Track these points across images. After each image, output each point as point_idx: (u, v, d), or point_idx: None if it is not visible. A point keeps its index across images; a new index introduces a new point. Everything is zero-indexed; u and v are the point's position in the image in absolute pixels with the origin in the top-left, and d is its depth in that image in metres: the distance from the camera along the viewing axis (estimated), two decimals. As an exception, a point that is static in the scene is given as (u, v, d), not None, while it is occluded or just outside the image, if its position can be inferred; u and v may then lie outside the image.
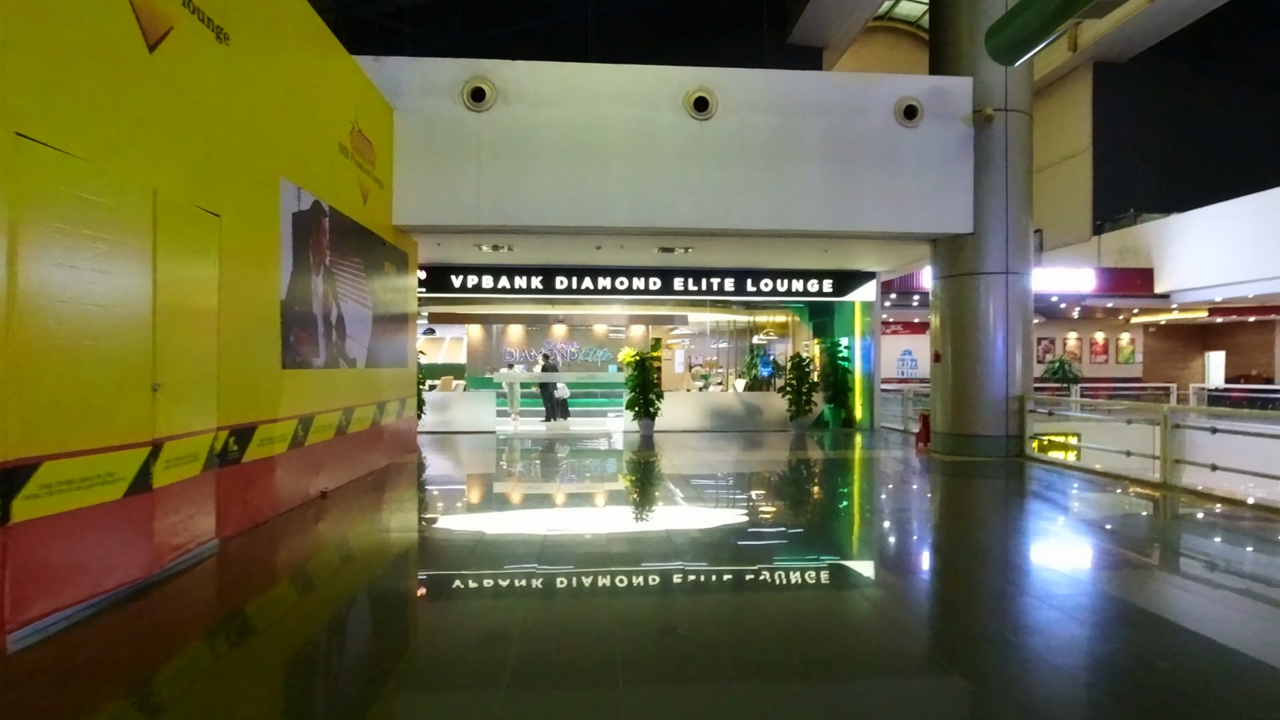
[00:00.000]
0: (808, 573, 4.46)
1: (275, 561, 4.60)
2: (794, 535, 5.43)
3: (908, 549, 5.25)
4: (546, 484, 7.61)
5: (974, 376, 9.44)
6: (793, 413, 12.41)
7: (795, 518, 6.07)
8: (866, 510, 6.58)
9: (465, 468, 8.98)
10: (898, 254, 11.37)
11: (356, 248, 7.22)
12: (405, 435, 9.26)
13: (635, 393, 12.01)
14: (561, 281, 12.53)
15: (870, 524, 6.01)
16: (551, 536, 5.18)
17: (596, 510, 6.16)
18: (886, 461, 9.34)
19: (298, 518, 5.56)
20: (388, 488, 7.28)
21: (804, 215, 9.09)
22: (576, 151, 8.72)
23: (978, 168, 9.28)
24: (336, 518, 5.83)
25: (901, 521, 6.02)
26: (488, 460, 9.53)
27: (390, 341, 8.47)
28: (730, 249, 11.09)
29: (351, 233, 7.06)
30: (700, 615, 3.72)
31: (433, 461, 9.19)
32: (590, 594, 3.92)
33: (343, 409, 6.78)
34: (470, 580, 4.21)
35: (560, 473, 8.44)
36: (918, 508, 6.74)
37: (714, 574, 4.40)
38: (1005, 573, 4.45)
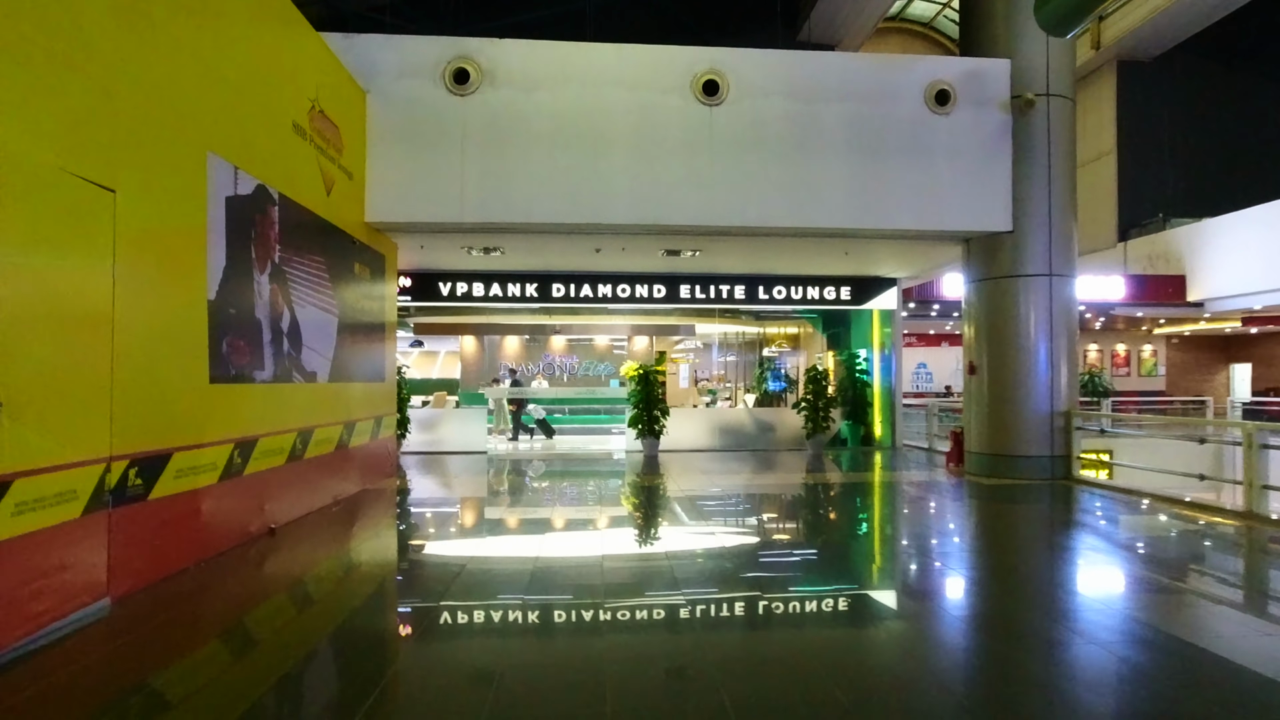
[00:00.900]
0: (834, 615, 3.72)
1: (186, 622, 3.63)
2: (816, 568, 4.46)
3: (945, 588, 4.27)
4: (537, 511, 6.62)
5: (1014, 390, 8.46)
6: (809, 430, 11.43)
7: (817, 549, 5.09)
8: (897, 542, 5.58)
9: (449, 493, 8.00)
10: (924, 257, 10.44)
11: (318, 245, 6.31)
12: (382, 457, 8.30)
13: (639, 409, 11.05)
14: (559, 289, 11.61)
15: (901, 559, 5.02)
16: (540, 571, 4.20)
17: (593, 542, 5.17)
18: (915, 485, 8.35)
19: (232, 562, 4.60)
20: (356, 518, 6.31)
21: (826, 211, 8.17)
22: (572, 141, 7.84)
23: (1017, 159, 8.36)
24: (283, 558, 4.86)
25: (937, 555, 5.03)
26: (475, 484, 8.55)
27: (363, 353, 7.54)
28: (741, 251, 10.17)
29: (311, 227, 6.15)
30: (708, 661, 2.76)
31: (414, 486, 8.21)
32: (584, 637, 2.94)
33: (298, 430, 5.83)
34: (444, 624, 3.23)
35: (553, 498, 7.45)
36: (955, 539, 5.74)
37: (728, 619, 3.42)
38: (1064, 620, 3.46)
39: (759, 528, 6.17)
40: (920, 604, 4.10)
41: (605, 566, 4.62)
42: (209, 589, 4.11)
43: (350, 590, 4.40)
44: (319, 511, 6.26)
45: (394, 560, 5.17)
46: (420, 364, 22.38)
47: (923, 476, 9.00)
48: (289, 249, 5.67)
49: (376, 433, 8.02)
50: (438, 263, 11.00)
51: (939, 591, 4.38)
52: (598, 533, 5.77)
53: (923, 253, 10.03)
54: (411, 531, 6.12)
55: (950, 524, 6.54)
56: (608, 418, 13.31)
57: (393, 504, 7.21)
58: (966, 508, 7.21)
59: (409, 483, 8.43)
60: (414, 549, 5.54)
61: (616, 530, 5.94)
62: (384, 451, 8.34)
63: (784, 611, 3.83)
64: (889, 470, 9.83)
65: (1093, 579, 4.61)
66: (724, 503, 7.31)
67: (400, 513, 6.88)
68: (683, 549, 5.20)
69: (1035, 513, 6.97)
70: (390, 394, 8.60)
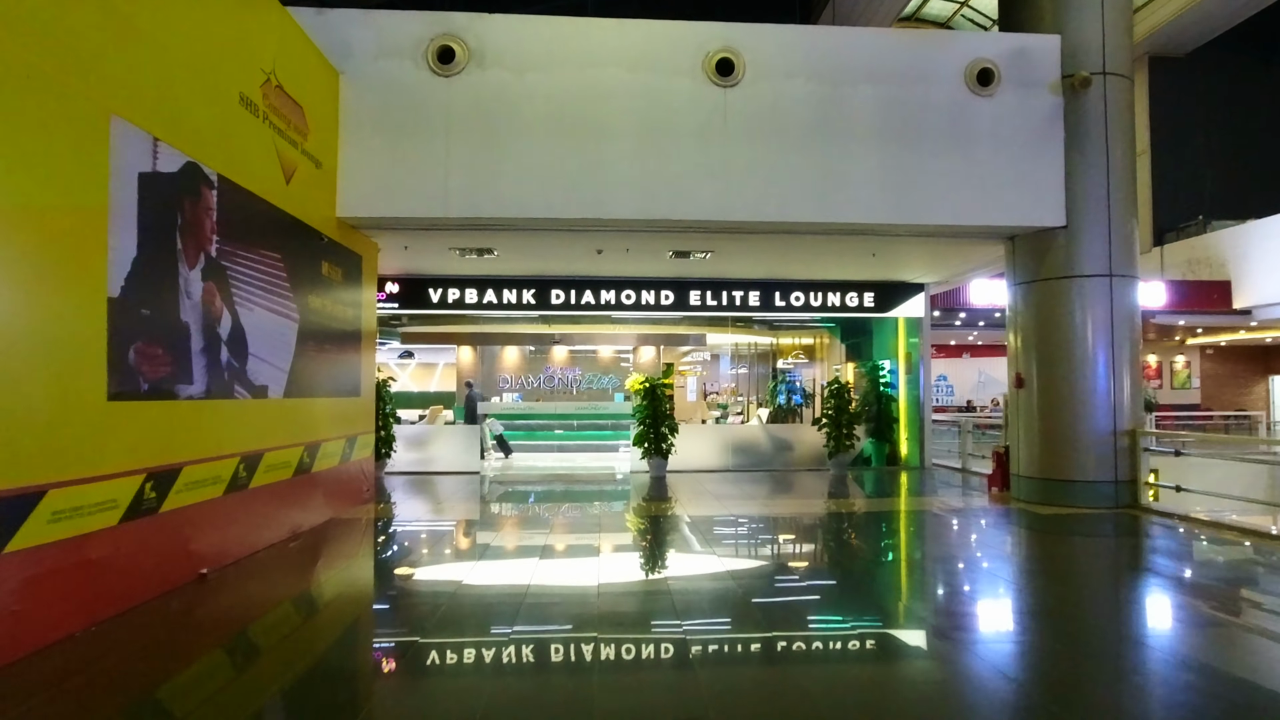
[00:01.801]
0: (872, 682, 2.58)
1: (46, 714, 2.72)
2: (849, 616, 3.50)
3: (1003, 642, 3.31)
4: (529, 540, 5.67)
5: (1069, 406, 7.49)
6: (831, 449, 10.45)
7: (849, 591, 4.13)
8: (945, 588, 4.61)
9: (432, 521, 7.08)
10: (959, 258, 9.50)
11: (273, 239, 5.46)
12: (355, 482, 7.40)
13: (645, 426, 10.12)
14: (558, 295, 10.73)
15: (953, 610, 4.04)
16: (527, 621, 3.28)
17: (591, 597, 4.24)
18: (957, 513, 7.36)
19: (141, 620, 3.70)
20: (318, 554, 5.41)
21: (854, 206, 7.27)
22: (570, 127, 6.99)
23: (1070, 145, 7.44)
24: (209, 611, 3.97)
25: (996, 605, 4.06)
26: (462, 510, 7.62)
27: (332, 365, 6.67)
28: (757, 253, 9.27)
29: (264, 219, 5.31)
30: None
31: (394, 513, 7.30)
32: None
33: (241, 455, 4.94)
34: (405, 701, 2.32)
35: (548, 528, 6.50)
36: (1016, 585, 4.76)
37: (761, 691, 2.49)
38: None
39: (782, 567, 5.21)
40: (975, 667, 3.14)
41: (605, 635, 3.68)
42: (98, 660, 3.20)
43: (293, 648, 3.48)
44: (271, 548, 5.36)
45: (354, 606, 4.26)
46: (418, 376, 21.57)
47: (963, 503, 8.01)
48: (233, 241, 4.81)
49: (349, 454, 7.12)
50: (426, 267, 10.16)
51: (1001, 654, 3.41)
52: (597, 576, 4.83)
53: (959, 253, 9.10)
54: (380, 569, 5.21)
55: (1008, 565, 5.55)
56: (612, 434, 12.38)
57: (365, 535, 6.30)
58: (1022, 543, 6.22)
59: (389, 509, 7.53)
60: (380, 591, 4.62)
61: (620, 574, 5.00)
62: (358, 475, 7.44)
63: (818, 683, 2.88)
64: (923, 495, 8.84)
65: (1199, 641, 3.63)
66: (740, 535, 6.36)
67: (371, 546, 5.97)
68: (703, 605, 4.25)
69: (1105, 550, 5.99)
70: (367, 411, 7.72)
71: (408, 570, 5.28)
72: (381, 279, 10.42)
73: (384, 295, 10.49)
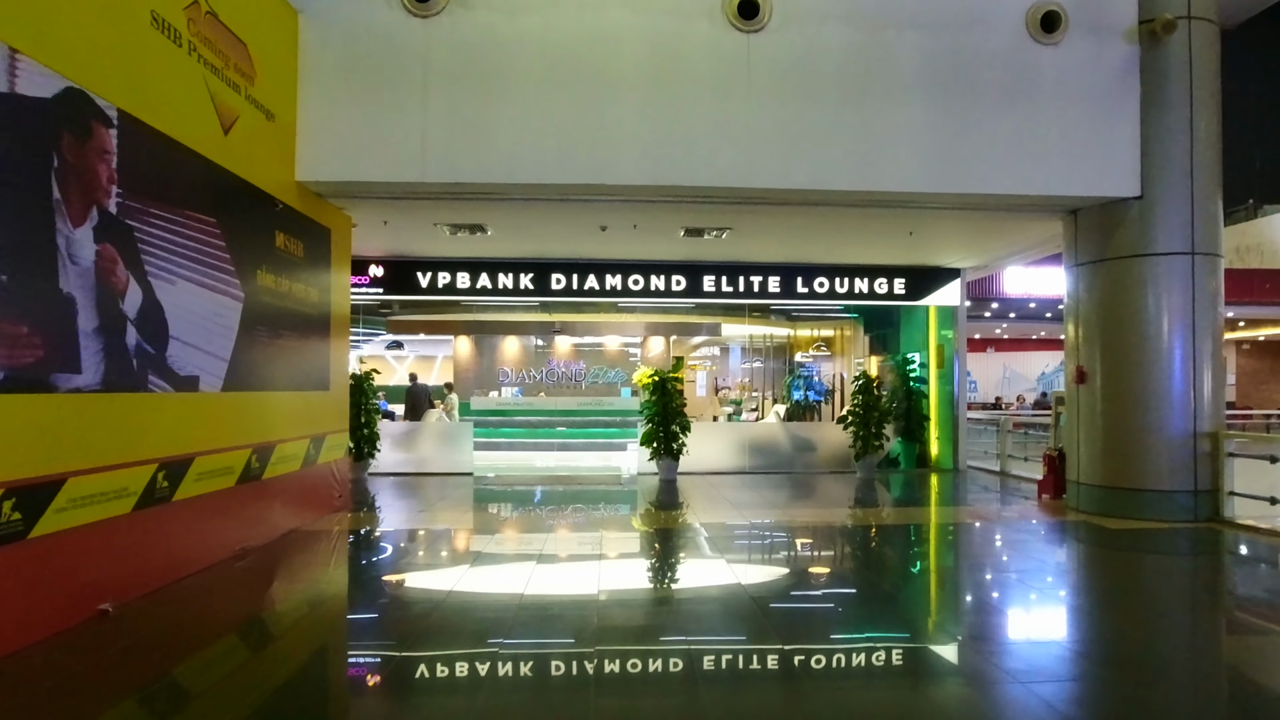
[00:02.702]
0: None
1: None
2: (901, 670, 2.57)
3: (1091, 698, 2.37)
4: (522, 554, 4.73)
5: (1139, 405, 6.49)
6: (858, 450, 9.48)
7: (898, 632, 3.18)
8: (1017, 622, 3.64)
9: (409, 531, 6.15)
10: (1006, 238, 8.49)
11: (206, 200, 4.53)
12: (324, 487, 6.50)
13: (654, 424, 9.17)
14: (558, 280, 9.79)
15: (1025, 650, 3.08)
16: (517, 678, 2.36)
17: (592, 652, 3.31)
18: (1011, 526, 6.38)
19: (9, 673, 2.79)
20: (263, 577, 4.50)
21: (896, 172, 6.27)
22: (568, 79, 6.03)
23: (1147, 103, 6.41)
24: (95, 662, 3.05)
25: (1073, 644, 3.10)
26: (448, 517, 6.69)
27: (292, 354, 5.76)
28: (779, 231, 8.29)
29: (191, 173, 4.38)
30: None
31: (368, 521, 6.40)
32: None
33: (161, 461, 4.03)
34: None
35: (544, 543, 5.56)
36: (1091, 616, 3.79)
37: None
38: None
39: (818, 594, 4.25)
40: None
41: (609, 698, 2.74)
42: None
43: (202, 708, 2.57)
44: (209, 571, 4.45)
45: (292, 645, 3.34)
46: (416, 369, 20.68)
47: (1014, 513, 7.02)
48: (144, 196, 3.89)
49: (314, 456, 6.21)
50: (414, 247, 9.24)
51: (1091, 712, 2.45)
52: (596, 621, 3.88)
53: (1008, 231, 8.08)
54: (334, 596, 4.29)
55: (1083, 592, 4.57)
56: (618, 431, 11.45)
57: (327, 550, 5.39)
58: (1093, 564, 5.26)
59: (364, 517, 6.62)
60: (330, 625, 3.70)
61: (626, 620, 4.06)
62: (327, 479, 6.53)
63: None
64: (966, 503, 7.86)
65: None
66: (767, 552, 5.41)
67: (331, 565, 5.06)
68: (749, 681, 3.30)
69: (1192, 574, 5.03)
70: (338, 407, 6.80)
71: (370, 596, 4.36)
72: (364, 261, 9.53)
73: (367, 279, 9.59)
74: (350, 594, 4.51)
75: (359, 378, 9.05)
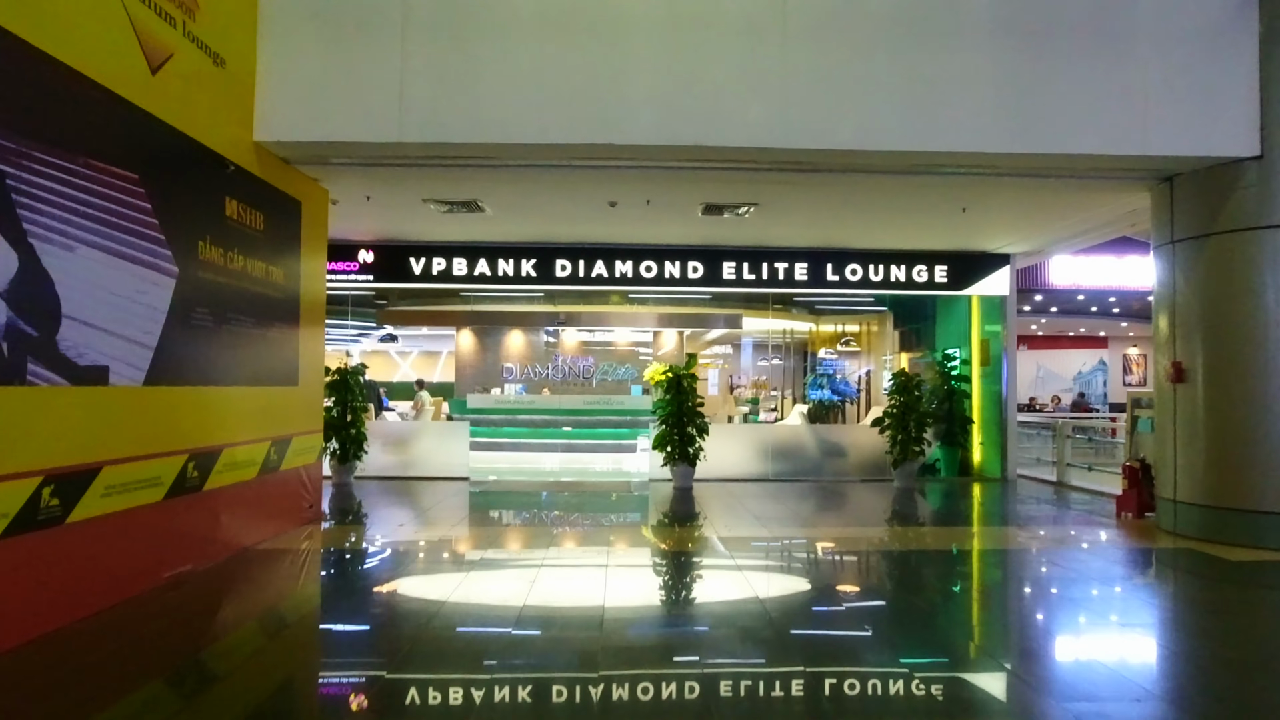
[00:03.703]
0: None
1: None
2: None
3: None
4: (517, 585, 3.83)
5: (1256, 410, 5.45)
6: (896, 456, 8.50)
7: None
8: (1137, 690, 2.69)
9: (384, 550, 5.27)
10: (1070, 216, 7.48)
11: (123, 151, 3.67)
12: (290, 496, 5.65)
13: (668, 425, 8.26)
14: (563, 267, 8.90)
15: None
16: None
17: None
18: (1089, 551, 5.40)
19: None
20: (189, 614, 3.63)
21: (959, 130, 5.30)
22: (572, 22, 5.12)
23: (1269, 42, 5.38)
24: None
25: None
26: (431, 532, 5.80)
27: (248, 343, 4.91)
28: (810, 209, 7.34)
29: (100, 115, 3.52)
30: None
31: (340, 536, 5.54)
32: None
33: (47, 472, 3.17)
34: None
35: (536, 574, 4.66)
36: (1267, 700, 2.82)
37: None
38: None
39: (883, 667, 3.32)
40: None
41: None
42: None
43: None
44: (127, 605, 3.59)
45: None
46: (421, 366, 19.92)
47: (1094, 536, 6.02)
48: (21, 136, 3.03)
49: (277, 461, 5.36)
50: (406, 230, 8.39)
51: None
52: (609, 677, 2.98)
53: (1077, 206, 7.07)
54: (273, 642, 3.41)
55: (1250, 666, 3.59)
56: (628, 432, 10.55)
57: (279, 576, 4.53)
58: (1238, 617, 4.23)
59: (335, 532, 5.76)
60: (257, 686, 2.82)
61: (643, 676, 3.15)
62: (294, 488, 5.67)
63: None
64: (1031, 522, 6.87)
65: None
66: (808, 587, 4.47)
67: (279, 595, 4.19)
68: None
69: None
70: (308, 404, 5.94)
71: (317, 641, 3.48)
72: (352, 245, 8.70)
73: (356, 265, 8.75)
74: (292, 638, 3.63)
75: (346, 372, 8.23)
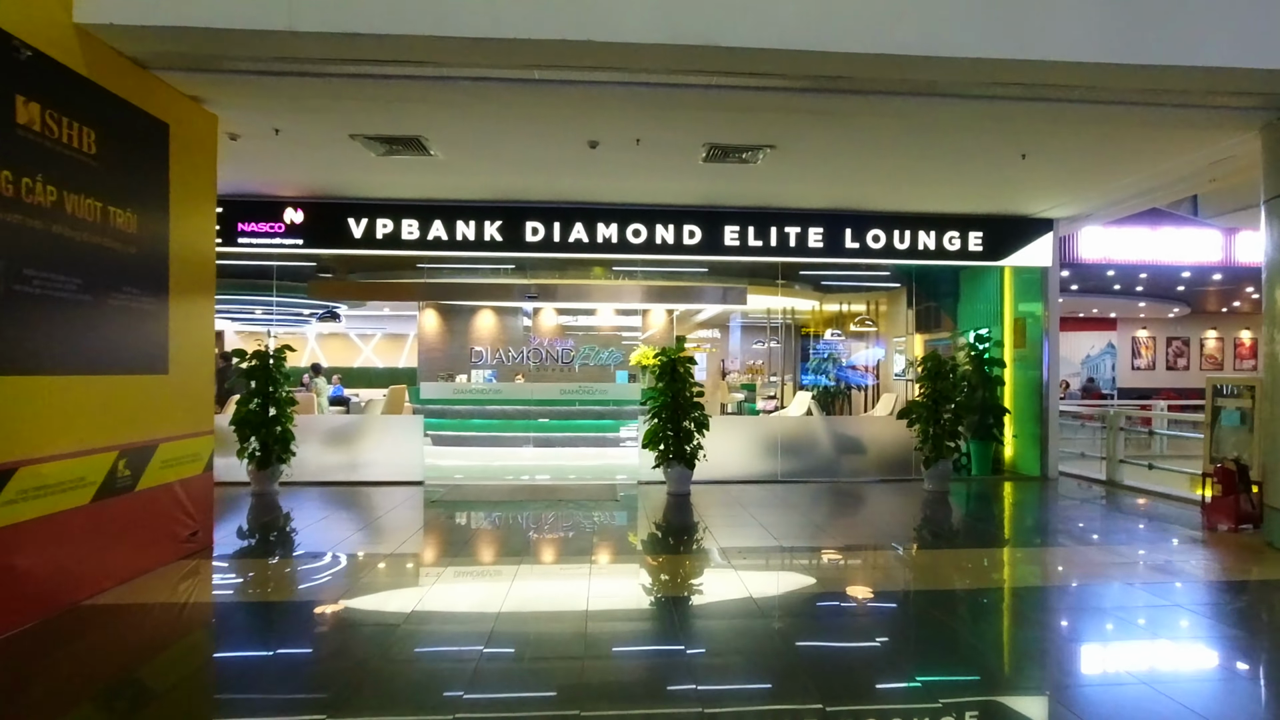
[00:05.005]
0: None
1: None
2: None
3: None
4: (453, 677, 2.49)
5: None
6: (928, 453, 7.23)
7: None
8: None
9: (275, 600, 3.84)
10: (1143, 168, 6.18)
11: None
12: (156, 522, 4.20)
13: (661, 419, 6.90)
14: (535, 230, 7.45)
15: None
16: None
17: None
18: (1217, 587, 4.15)
19: None
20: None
21: (1057, 34, 3.96)
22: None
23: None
24: None
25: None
26: (359, 565, 4.39)
27: (68, 314, 3.44)
28: (836, 156, 5.96)
29: None
30: None
31: (227, 577, 4.12)
32: None
33: None
34: None
35: (489, 629, 3.28)
36: None
37: None
38: None
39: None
40: None
41: None
42: None
43: None
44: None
45: None
46: (385, 351, 18.34)
47: (1197, 559, 4.76)
48: None
49: (131, 479, 3.91)
50: (342, 182, 6.87)
51: None
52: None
53: (1162, 150, 5.76)
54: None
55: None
56: (612, 424, 9.19)
57: (113, 651, 3.11)
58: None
59: (229, 568, 4.32)
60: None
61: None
62: (159, 512, 4.21)
63: None
64: (1108, 537, 5.61)
65: None
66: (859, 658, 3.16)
67: (100, 692, 2.77)
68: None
69: None
70: (186, 399, 4.47)
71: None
72: (276, 203, 7.19)
73: (281, 226, 7.23)
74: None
75: (266, 356, 6.75)
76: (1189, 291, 15.45)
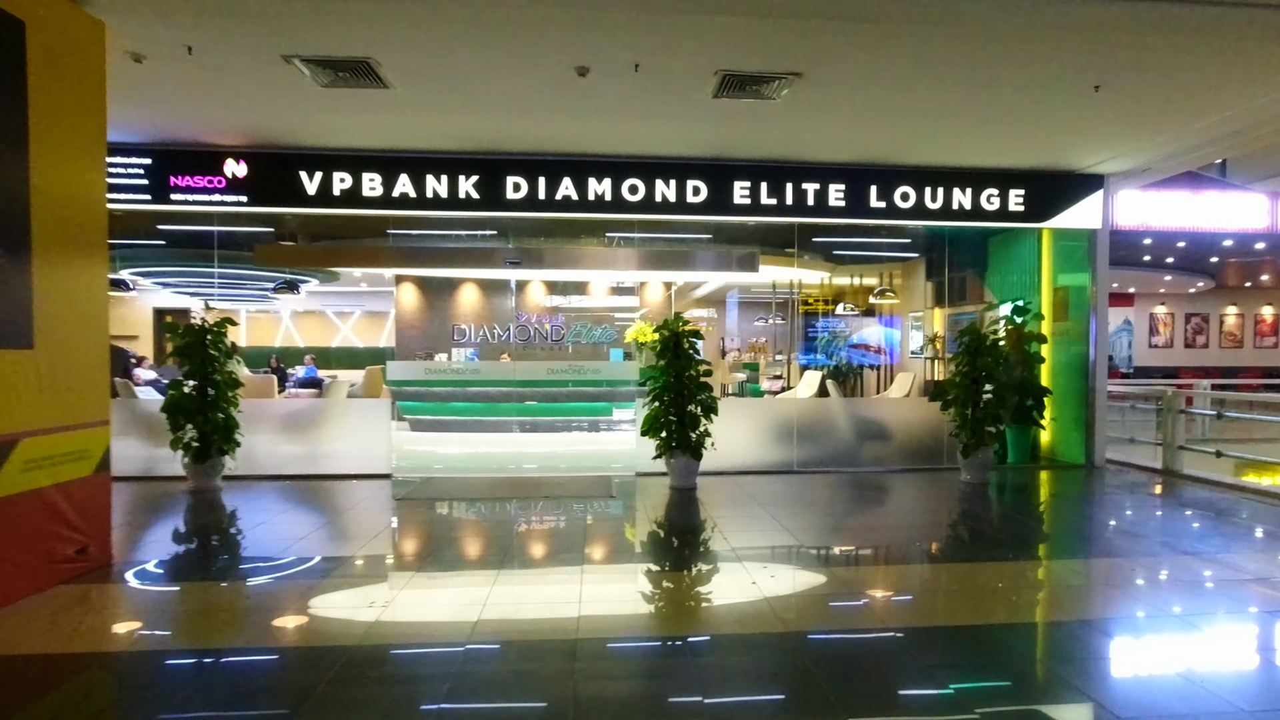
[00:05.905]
0: None
1: None
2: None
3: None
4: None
5: None
6: (967, 440, 6.36)
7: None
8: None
9: (170, 648, 2.96)
10: (1220, 109, 5.23)
11: None
12: (21, 541, 3.28)
13: (663, 402, 5.99)
14: (517, 186, 6.48)
15: None
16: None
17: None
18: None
19: None
20: None
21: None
22: None
23: None
24: None
25: None
26: (291, 586, 3.49)
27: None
28: (873, 86, 4.98)
29: None
30: None
31: (114, 613, 3.21)
32: None
33: None
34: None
35: (453, 669, 2.41)
36: None
37: None
38: None
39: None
40: None
41: None
42: None
43: None
44: None
45: None
46: (364, 329, 17.32)
47: (1270, 564, 3.93)
48: None
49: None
50: (290, 128, 5.86)
51: None
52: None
53: (1249, 86, 4.82)
54: None
55: None
56: (605, 406, 8.27)
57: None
58: None
59: (124, 597, 3.42)
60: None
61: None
62: (25, 526, 3.30)
63: None
64: (1206, 544, 4.75)
65: None
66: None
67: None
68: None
69: None
70: (66, 382, 3.52)
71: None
72: (215, 153, 6.19)
73: (222, 180, 6.23)
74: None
75: (209, 330, 5.80)
76: (1221, 263, 14.60)
